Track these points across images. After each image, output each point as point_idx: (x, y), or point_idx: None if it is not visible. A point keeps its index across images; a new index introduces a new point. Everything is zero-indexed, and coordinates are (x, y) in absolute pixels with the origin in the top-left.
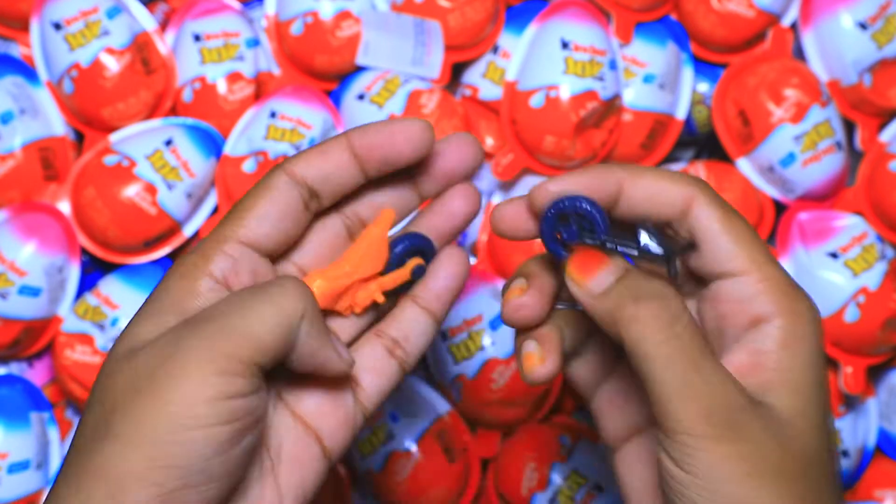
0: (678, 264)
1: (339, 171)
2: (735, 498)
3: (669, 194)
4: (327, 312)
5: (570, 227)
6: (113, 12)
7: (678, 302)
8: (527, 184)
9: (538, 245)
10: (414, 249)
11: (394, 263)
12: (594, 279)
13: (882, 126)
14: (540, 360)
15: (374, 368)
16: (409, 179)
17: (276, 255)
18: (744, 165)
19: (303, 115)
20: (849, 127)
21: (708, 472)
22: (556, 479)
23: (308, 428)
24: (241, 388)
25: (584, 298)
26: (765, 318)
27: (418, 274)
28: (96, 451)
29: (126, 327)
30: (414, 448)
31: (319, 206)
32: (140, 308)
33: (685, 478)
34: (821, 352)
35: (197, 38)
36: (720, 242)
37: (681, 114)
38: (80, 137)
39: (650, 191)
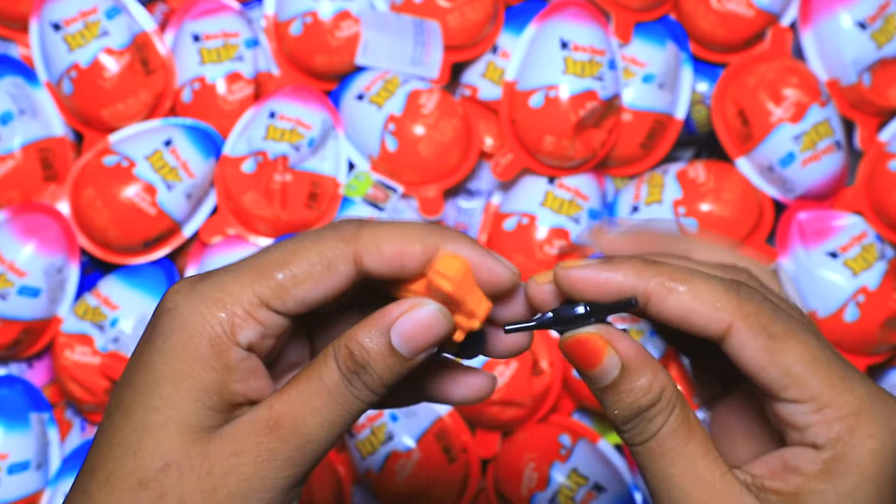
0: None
1: (410, 276)
2: None
3: (704, 319)
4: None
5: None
6: (112, 13)
7: (659, 411)
8: (526, 184)
9: (538, 247)
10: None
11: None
12: (596, 374)
13: (881, 125)
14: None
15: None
16: None
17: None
18: (743, 165)
19: (302, 116)
20: (848, 126)
21: None
22: (556, 479)
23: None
24: None
25: (592, 388)
26: (815, 446)
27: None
28: None
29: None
30: (414, 448)
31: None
32: (152, 362)
33: None
34: (867, 491)
35: (196, 38)
36: (768, 375)
37: (680, 113)
38: (79, 138)
39: (680, 310)
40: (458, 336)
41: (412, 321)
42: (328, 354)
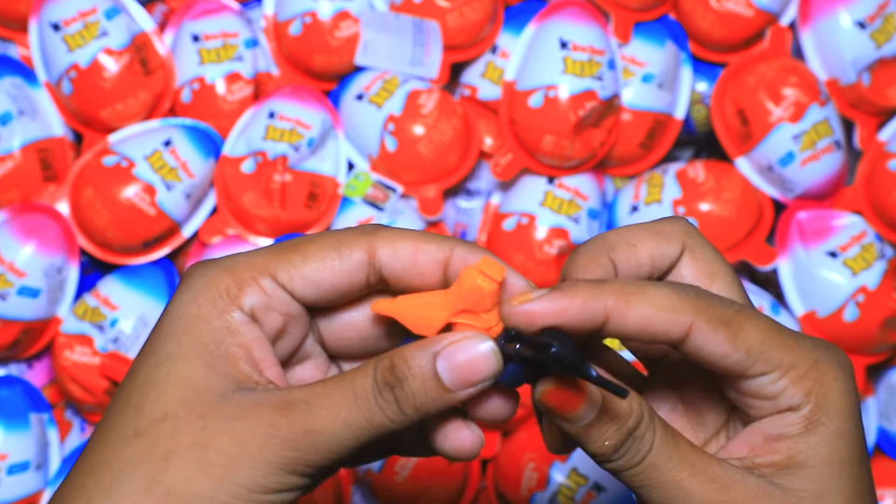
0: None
1: (421, 279)
2: None
3: (664, 325)
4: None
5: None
6: (111, 13)
7: (646, 426)
8: (526, 183)
9: (538, 247)
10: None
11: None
12: (577, 415)
13: (881, 125)
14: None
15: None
16: None
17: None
18: (743, 165)
19: (301, 116)
20: (847, 126)
21: None
22: (556, 478)
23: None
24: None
25: (573, 431)
26: (789, 409)
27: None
28: None
29: (154, 341)
30: None
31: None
32: (160, 327)
33: None
34: (850, 428)
35: (195, 38)
36: (732, 360)
37: (680, 113)
38: (78, 138)
39: (641, 322)
40: None
41: (463, 353)
42: (368, 365)
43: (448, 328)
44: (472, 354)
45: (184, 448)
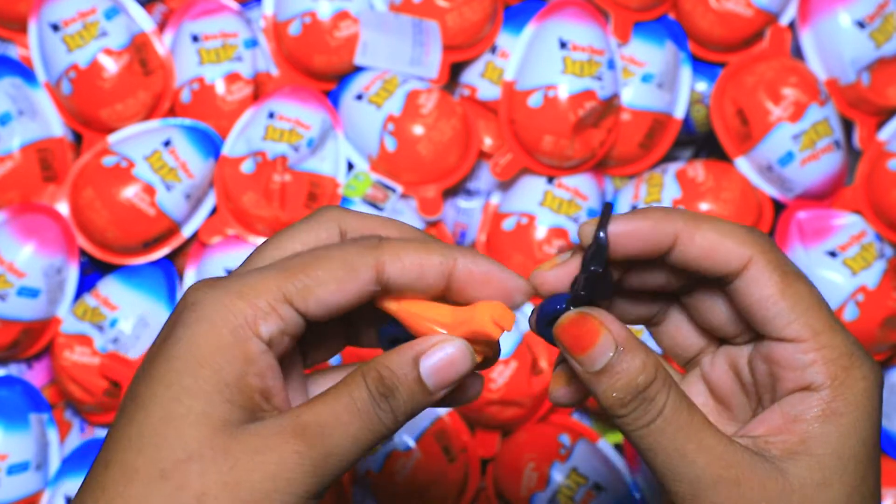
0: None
1: (426, 290)
2: None
3: (727, 253)
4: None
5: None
6: (111, 13)
7: (658, 389)
8: (526, 183)
9: (537, 247)
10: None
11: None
12: (591, 357)
13: (880, 124)
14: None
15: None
16: None
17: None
18: (742, 164)
19: (301, 116)
20: (847, 125)
21: None
22: (556, 478)
23: None
24: None
25: (584, 375)
26: (813, 388)
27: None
28: None
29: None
30: (413, 447)
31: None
32: (174, 356)
33: None
34: (865, 427)
35: (195, 38)
36: (777, 308)
37: (679, 113)
38: (78, 138)
39: (706, 246)
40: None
41: (440, 356)
42: (357, 376)
43: None
44: (450, 356)
45: (216, 489)
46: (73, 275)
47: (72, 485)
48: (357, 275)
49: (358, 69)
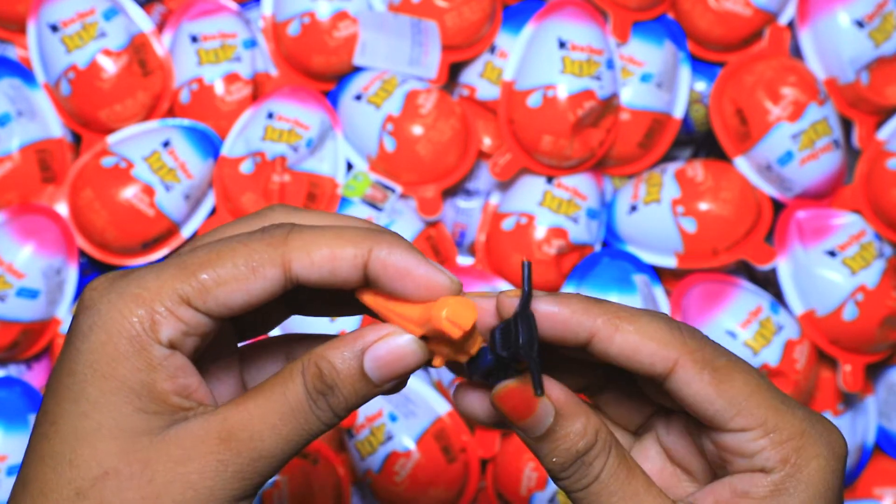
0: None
1: (344, 284)
2: None
3: (650, 356)
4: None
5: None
6: (110, 14)
7: (597, 454)
8: (525, 183)
9: (537, 247)
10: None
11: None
12: (530, 424)
13: (879, 124)
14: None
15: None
16: None
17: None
18: (741, 164)
19: (300, 116)
20: (846, 125)
21: None
22: None
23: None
24: None
25: (525, 440)
26: (765, 471)
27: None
28: None
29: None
30: (413, 448)
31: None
32: (74, 367)
33: None
34: (816, 499)
35: (194, 39)
36: (716, 408)
37: (678, 112)
38: (77, 139)
39: (627, 348)
40: (438, 363)
41: (388, 349)
42: (295, 370)
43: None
44: (397, 349)
45: (134, 503)
46: (72, 275)
47: None
48: (261, 273)
49: (357, 69)
